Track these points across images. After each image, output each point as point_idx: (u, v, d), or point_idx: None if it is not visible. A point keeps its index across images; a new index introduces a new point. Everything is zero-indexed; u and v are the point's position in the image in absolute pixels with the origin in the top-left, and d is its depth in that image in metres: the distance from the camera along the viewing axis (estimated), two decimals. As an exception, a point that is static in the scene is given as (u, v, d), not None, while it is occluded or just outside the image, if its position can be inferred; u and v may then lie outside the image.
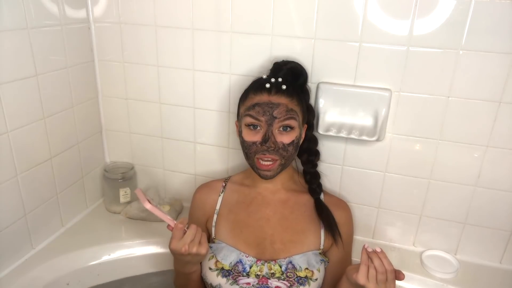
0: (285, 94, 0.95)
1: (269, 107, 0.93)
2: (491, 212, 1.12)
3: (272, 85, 0.96)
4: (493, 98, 1.01)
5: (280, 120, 0.93)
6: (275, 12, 1.08)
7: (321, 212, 1.02)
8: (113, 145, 1.41)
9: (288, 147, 0.94)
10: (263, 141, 0.93)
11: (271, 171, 0.95)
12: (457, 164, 1.10)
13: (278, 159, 0.94)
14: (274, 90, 0.95)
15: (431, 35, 0.99)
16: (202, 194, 1.09)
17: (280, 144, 0.93)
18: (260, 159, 0.95)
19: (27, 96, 1.03)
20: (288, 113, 0.93)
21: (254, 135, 0.95)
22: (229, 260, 0.97)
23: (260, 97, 0.95)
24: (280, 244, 0.99)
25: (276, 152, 0.93)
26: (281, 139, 0.94)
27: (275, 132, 0.94)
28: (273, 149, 0.93)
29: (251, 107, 0.95)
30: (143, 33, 1.21)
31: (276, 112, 0.93)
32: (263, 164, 0.94)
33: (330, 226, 1.00)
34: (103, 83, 1.32)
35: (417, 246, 1.23)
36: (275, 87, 0.95)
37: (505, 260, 1.17)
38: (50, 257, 1.12)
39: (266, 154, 0.93)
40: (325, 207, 1.03)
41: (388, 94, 1.06)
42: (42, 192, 1.14)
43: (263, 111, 0.93)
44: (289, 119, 0.93)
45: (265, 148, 0.93)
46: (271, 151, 0.93)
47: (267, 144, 0.92)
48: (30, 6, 1.00)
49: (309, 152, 1.08)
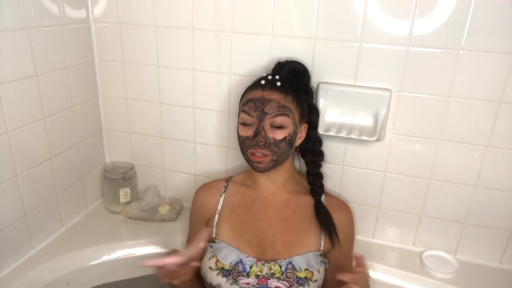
0: (279, 91, 0.95)
1: (261, 103, 0.93)
2: (491, 212, 1.12)
3: (267, 82, 0.96)
4: (493, 98, 1.01)
5: (271, 116, 0.93)
6: (275, 12, 1.08)
7: (319, 213, 1.02)
8: (113, 145, 1.41)
9: (280, 143, 0.94)
10: (254, 135, 0.93)
11: (262, 163, 0.95)
12: (457, 164, 1.10)
13: (269, 154, 0.94)
14: (268, 86, 0.96)
15: (431, 35, 0.99)
16: (204, 194, 1.09)
17: (272, 140, 0.93)
18: (252, 154, 0.95)
19: (27, 96, 1.03)
20: (280, 109, 0.93)
21: (247, 130, 0.96)
22: (229, 260, 0.97)
23: (254, 93, 0.96)
24: (280, 245, 0.99)
25: (267, 147, 0.94)
26: (273, 134, 0.94)
27: (267, 128, 0.94)
28: (264, 144, 0.93)
29: (246, 103, 0.96)
30: (143, 33, 1.21)
31: (267, 107, 0.93)
32: (256, 156, 0.95)
33: (327, 228, 1.00)
34: (103, 83, 1.32)
35: (417, 246, 1.23)
36: (270, 84, 0.96)
37: (505, 260, 1.17)
38: (50, 257, 1.12)
39: (258, 148, 0.94)
40: (324, 209, 1.03)
41: (388, 94, 1.06)
42: (42, 192, 1.14)
43: (255, 107, 0.94)
44: (280, 115, 0.93)
45: (255, 143, 0.93)
46: (262, 146, 0.93)
47: (257, 139, 0.93)
48: (30, 6, 1.00)
49: (313, 153, 1.08)
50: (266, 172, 0.97)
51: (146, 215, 1.31)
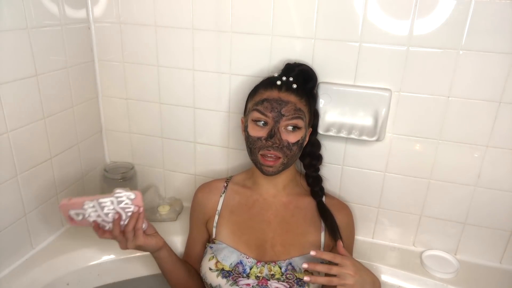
0: (295, 93, 0.95)
1: (278, 104, 0.93)
2: (491, 212, 1.12)
3: (283, 83, 0.96)
4: (493, 98, 1.01)
5: (287, 118, 0.92)
6: (275, 12, 1.08)
7: (324, 214, 1.02)
8: (113, 145, 1.41)
9: (292, 146, 0.94)
10: (268, 137, 0.92)
11: (273, 167, 0.94)
12: (457, 164, 1.09)
13: (281, 157, 0.94)
14: (285, 88, 0.95)
15: (431, 35, 0.99)
16: (204, 194, 1.09)
17: (285, 142, 0.93)
18: (263, 156, 0.94)
19: (27, 96, 1.03)
20: (296, 112, 0.93)
21: (259, 130, 0.95)
22: (229, 261, 0.97)
23: (270, 93, 0.95)
24: (280, 246, 0.99)
25: (280, 149, 0.93)
26: (287, 137, 0.93)
27: (282, 129, 0.93)
28: (278, 146, 0.93)
29: (260, 102, 0.95)
30: (143, 33, 1.21)
31: (285, 109, 0.92)
32: (267, 160, 0.94)
33: (332, 229, 0.99)
34: (103, 83, 1.32)
35: (417, 246, 1.23)
36: (286, 85, 0.95)
37: (505, 260, 1.17)
38: (50, 257, 1.12)
39: (270, 150, 0.93)
40: (328, 210, 1.03)
41: (388, 94, 1.06)
42: (42, 192, 1.14)
43: (272, 107, 0.93)
44: (296, 118, 0.93)
45: (270, 144, 0.92)
46: (275, 148, 0.93)
47: (272, 140, 0.92)
48: (30, 6, 1.00)
49: (312, 156, 1.08)
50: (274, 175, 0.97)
51: (146, 215, 1.30)
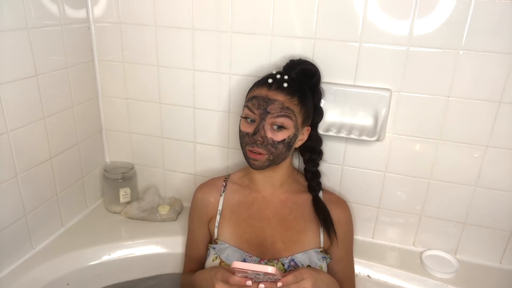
0: (285, 92, 0.94)
1: (265, 102, 0.93)
2: (491, 212, 1.12)
3: (274, 81, 0.95)
4: (493, 98, 1.01)
5: (273, 116, 0.92)
6: (275, 12, 1.08)
7: (317, 208, 1.02)
8: (113, 145, 1.41)
9: (278, 144, 0.93)
10: (253, 133, 0.93)
11: (258, 161, 0.95)
12: (457, 164, 1.09)
13: (265, 154, 0.94)
14: (275, 86, 0.95)
15: (431, 35, 0.99)
16: (204, 194, 1.09)
17: (270, 140, 0.93)
18: (250, 151, 0.95)
19: (27, 96, 1.03)
20: (283, 111, 0.92)
21: (248, 126, 0.96)
22: (233, 260, 0.97)
23: (260, 90, 0.95)
24: (281, 244, 1.00)
25: (264, 147, 0.93)
26: (272, 135, 0.93)
27: (267, 127, 0.93)
28: (261, 143, 0.93)
29: (250, 99, 0.96)
30: (143, 33, 1.21)
31: (270, 107, 0.92)
32: (253, 153, 0.95)
33: (325, 223, 1.00)
34: (103, 83, 1.32)
35: (417, 246, 1.23)
36: (276, 83, 0.95)
37: (505, 260, 1.17)
38: (50, 257, 1.12)
39: (255, 147, 0.93)
40: (322, 204, 1.03)
41: (388, 94, 1.06)
42: (42, 192, 1.14)
43: (258, 105, 0.93)
44: (282, 117, 0.93)
45: (253, 141, 0.93)
46: (259, 145, 0.93)
47: (255, 137, 0.92)
48: (30, 6, 1.00)
49: (312, 151, 1.08)
50: (262, 170, 0.97)
51: (146, 215, 1.31)
